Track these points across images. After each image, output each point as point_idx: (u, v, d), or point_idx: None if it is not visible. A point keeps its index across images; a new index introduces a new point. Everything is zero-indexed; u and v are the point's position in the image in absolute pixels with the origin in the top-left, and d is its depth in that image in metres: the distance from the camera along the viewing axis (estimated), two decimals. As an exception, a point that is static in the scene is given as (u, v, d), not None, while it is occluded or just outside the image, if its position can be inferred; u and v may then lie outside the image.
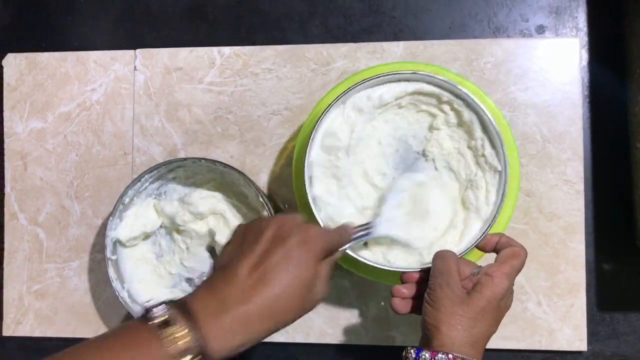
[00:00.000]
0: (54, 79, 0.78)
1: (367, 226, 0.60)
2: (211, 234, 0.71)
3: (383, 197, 0.65)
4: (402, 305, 0.58)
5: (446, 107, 0.65)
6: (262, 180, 0.74)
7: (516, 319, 0.69)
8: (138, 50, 0.77)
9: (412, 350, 0.52)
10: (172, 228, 0.73)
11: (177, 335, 0.44)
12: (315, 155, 0.64)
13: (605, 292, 0.70)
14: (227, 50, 0.75)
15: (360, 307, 0.72)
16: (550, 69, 0.71)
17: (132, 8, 0.78)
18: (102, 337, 0.45)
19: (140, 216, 0.71)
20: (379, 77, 0.63)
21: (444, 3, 0.74)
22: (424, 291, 0.57)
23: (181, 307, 0.45)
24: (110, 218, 0.68)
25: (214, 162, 0.68)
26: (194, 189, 0.73)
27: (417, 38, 0.74)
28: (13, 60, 0.78)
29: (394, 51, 0.73)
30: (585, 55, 0.72)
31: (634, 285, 0.69)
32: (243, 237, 0.51)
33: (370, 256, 0.62)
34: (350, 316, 0.72)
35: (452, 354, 0.50)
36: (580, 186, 0.70)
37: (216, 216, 0.72)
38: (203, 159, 0.68)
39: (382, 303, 0.71)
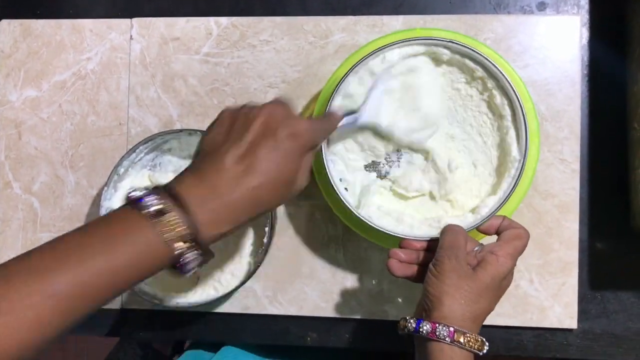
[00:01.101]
0: (49, 47, 0.77)
1: (353, 113, 0.61)
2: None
3: (373, 83, 0.64)
4: (399, 267, 0.58)
5: (478, 83, 0.65)
6: (258, 153, 0.73)
7: (508, 296, 0.70)
8: (134, 19, 0.76)
9: (412, 321, 0.53)
10: (167, 199, 0.72)
11: (171, 223, 0.44)
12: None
13: (597, 271, 0.70)
14: (224, 20, 0.74)
15: (354, 282, 0.72)
16: (550, 47, 0.71)
17: (129, -24, 0.77)
18: (94, 226, 0.45)
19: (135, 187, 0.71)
20: (417, 39, 0.63)
21: (445, -23, 0.73)
22: (422, 259, 0.58)
23: (172, 195, 0.46)
24: (105, 188, 0.68)
25: (210, 134, 0.68)
26: (189, 161, 0.72)
27: (417, 12, 0.73)
28: (7, 27, 0.77)
29: (394, 25, 0.72)
30: (585, 34, 0.71)
31: (626, 265, 0.70)
32: (231, 124, 0.50)
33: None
34: (343, 290, 0.72)
35: (454, 327, 0.50)
36: (576, 165, 0.70)
37: (211, 188, 0.72)
38: (199, 130, 0.68)
39: (374, 282, 0.71)
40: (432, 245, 0.59)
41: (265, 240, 0.67)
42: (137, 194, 0.45)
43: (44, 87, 0.77)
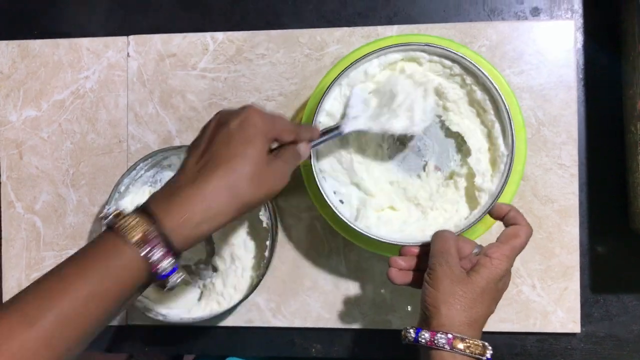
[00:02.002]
0: (47, 66, 0.77)
1: (334, 126, 0.62)
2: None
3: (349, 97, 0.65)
4: (399, 275, 0.58)
5: (457, 79, 0.65)
6: (258, 166, 0.74)
7: (511, 302, 0.70)
8: (131, 37, 0.76)
9: (411, 330, 0.53)
10: (169, 215, 0.73)
11: (130, 222, 0.46)
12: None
13: (599, 275, 0.70)
14: (220, 35, 0.75)
15: (357, 292, 0.72)
16: (545, 52, 0.71)
17: (124, -6, 0.78)
18: (71, 258, 0.47)
19: (137, 204, 0.71)
20: (392, 47, 0.64)
21: (438, -14, 0.73)
22: (422, 265, 0.58)
23: (137, 206, 0.49)
24: (106, 207, 0.68)
25: (209, 149, 0.68)
26: (189, 176, 0.73)
27: (411, 21, 0.73)
28: (5, 48, 0.78)
29: (389, 35, 0.72)
30: (580, 38, 0.72)
31: (627, 267, 0.70)
32: (194, 143, 0.53)
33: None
34: (346, 300, 0.72)
35: (452, 334, 0.51)
36: (575, 170, 0.70)
37: (212, 203, 0.72)
38: (198, 146, 0.69)
39: (383, 291, 0.72)
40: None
41: (266, 254, 0.67)
42: (107, 212, 0.48)
43: (43, 107, 0.77)
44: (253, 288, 0.68)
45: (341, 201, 0.66)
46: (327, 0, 0.75)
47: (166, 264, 0.47)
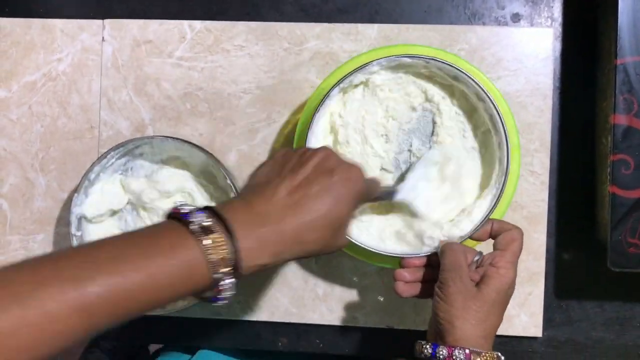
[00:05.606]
0: (19, 46, 0.75)
1: (390, 188, 0.62)
2: (178, 213, 0.71)
3: (413, 165, 0.65)
4: (406, 288, 0.59)
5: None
6: (231, 159, 0.73)
7: (476, 305, 0.71)
8: (106, 21, 0.74)
9: (427, 346, 0.54)
10: (139, 205, 0.72)
11: (216, 244, 0.43)
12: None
13: (563, 281, 0.72)
14: (198, 24, 0.73)
15: (325, 288, 0.73)
16: (523, 59, 0.71)
17: (101, -25, 0.76)
18: (135, 235, 0.44)
19: (107, 193, 0.70)
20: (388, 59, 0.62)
21: (421, -14, 0.73)
22: (427, 276, 0.59)
23: (217, 215, 0.44)
24: (76, 194, 0.67)
25: (183, 141, 0.67)
26: (161, 165, 0.72)
27: (392, 20, 0.73)
28: (-25, 25, 0.76)
29: (369, 33, 0.72)
30: (558, 46, 0.72)
31: (591, 275, 0.71)
32: (284, 162, 0.51)
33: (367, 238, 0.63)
34: (314, 297, 0.73)
35: (469, 349, 0.52)
36: (546, 177, 0.71)
37: (183, 194, 0.72)
38: (171, 137, 0.68)
39: (350, 287, 0.72)
40: (432, 260, 0.59)
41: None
42: (185, 208, 0.44)
43: (13, 88, 0.75)
44: (221, 282, 0.68)
45: None
46: (309, -6, 0.74)
47: (229, 293, 0.44)
